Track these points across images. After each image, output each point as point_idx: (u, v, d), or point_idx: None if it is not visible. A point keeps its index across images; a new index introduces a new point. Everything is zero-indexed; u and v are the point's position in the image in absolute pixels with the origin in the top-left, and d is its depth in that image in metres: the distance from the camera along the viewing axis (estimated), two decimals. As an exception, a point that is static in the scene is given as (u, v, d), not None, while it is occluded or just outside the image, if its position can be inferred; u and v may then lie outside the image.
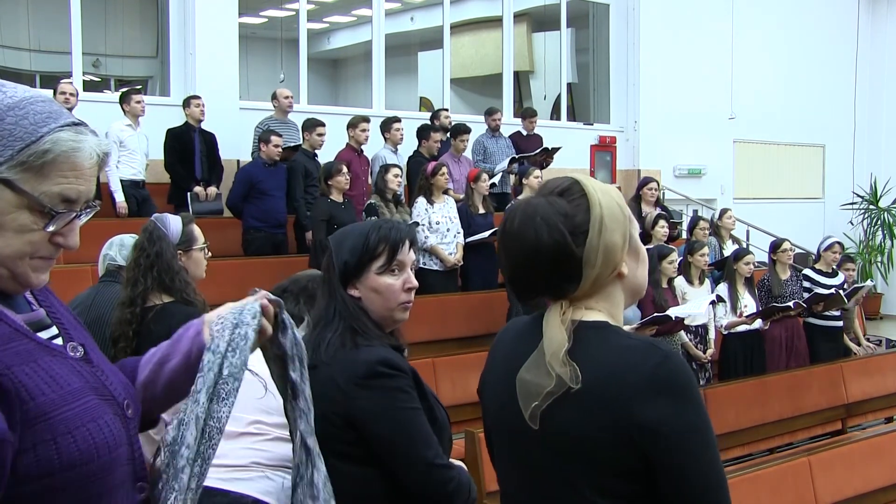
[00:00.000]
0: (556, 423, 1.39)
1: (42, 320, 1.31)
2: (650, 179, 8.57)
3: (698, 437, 1.35)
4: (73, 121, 1.25)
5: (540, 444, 1.42)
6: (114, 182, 7.09)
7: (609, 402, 1.35)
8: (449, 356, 6.00)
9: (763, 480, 4.35)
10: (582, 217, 1.42)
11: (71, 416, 1.21)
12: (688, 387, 1.37)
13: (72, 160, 1.23)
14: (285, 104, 8.17)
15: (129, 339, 2.85)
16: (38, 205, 1.20)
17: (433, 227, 7.01)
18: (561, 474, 1.41)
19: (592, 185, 1.47)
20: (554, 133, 10.27)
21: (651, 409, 1.33)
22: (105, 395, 1.30)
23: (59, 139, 1.21)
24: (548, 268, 1.43)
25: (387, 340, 2.00)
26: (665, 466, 1.34)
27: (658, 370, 1.35)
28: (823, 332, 7.24)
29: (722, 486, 1.37)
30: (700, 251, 6.82)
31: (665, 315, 5.59)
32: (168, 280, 2.90)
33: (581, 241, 1.41)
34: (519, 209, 1.47)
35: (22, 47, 9.27)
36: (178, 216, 3.13)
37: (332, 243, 2.06)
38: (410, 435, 1.91)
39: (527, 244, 1.43)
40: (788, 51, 13.07)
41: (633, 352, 1.39)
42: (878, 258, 13.47)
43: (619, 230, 1.45)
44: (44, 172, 1.20)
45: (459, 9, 11.35)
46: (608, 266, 1.44)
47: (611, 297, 1.48)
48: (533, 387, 1.40)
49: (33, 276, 1.25)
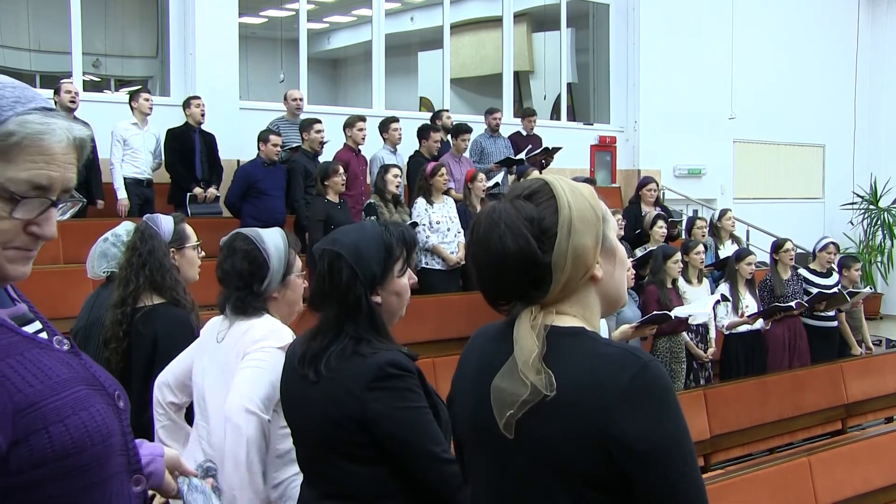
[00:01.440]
0: (532, 432, 1.35)
1: (25, 314, 1.30)
2: (650, 180, 8.57)
3: (677, 450, 1.31)
4: (43, 105, 1.21)
5: (515, 454, 1.39)
6: (117, 180, 7.13)
7: (586, 412, 1.31)
8: (450, 356, 6.00)
9: (763, 480, 4.35)
10: (549, 220, 1.38)
11: (61, 405, 1.21)
12: (666, 397, 1.33)
13: (41, 144, 1.18)
14: (293, 106, 8.21)
15: (119, 339, 2.85)
16: (3, 191, 1.16)
17: (434, 226, 7.02)
18: (537, 484, 1.37)
19: (562, 186, 1.42)
20: (554, 133, 10.27)
21: (629, 421, 1.29)
22: (95, 384, 1.30)
23: (26, 121, 1.17)
24: (514, 274, 1.39)
25: (394, 346, 2.03)
26: (643, 480, 1.30)
27: (636, 380, 1.31)
28: (818, 332, 7.25)
29: (701, 497, 1.33)
30: (695, 250, 6.84)
31: (664, 314, 5.59)
32: (160, 278, 2.89)
33: (549, 245, 1.37)
34: (484, 215, 1.43)
35: (22, 47, 9.27)
36: (170, 216, 3.12)
37: (349, 256, 2.01)
38: (419, 432, 1.95)
39: (492, 251, 1.40)
40: (788, 51, 13.07)
41: (610, 360, 1.35)
42: (878, 258, 13.47)
43: (589, 232, 1.40)
44: (10, 157, 1.16)
45: (459, 9, 11.35)
46: (579, 270, 1.39)
47: (584, 302, 1.43)
48: (508, 395, 1.35)
49: (10, 267, 1.22)
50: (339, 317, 2.00)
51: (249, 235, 2.50)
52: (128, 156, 7.24)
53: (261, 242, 2.47)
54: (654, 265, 6.55)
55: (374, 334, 2.00)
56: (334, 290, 2.01)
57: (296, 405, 2.10)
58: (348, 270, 2.00)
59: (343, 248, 2.03)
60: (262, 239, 2.48)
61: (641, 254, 7.07)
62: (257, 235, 2.50)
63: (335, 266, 2.01)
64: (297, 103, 8.22)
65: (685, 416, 1.35)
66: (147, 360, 2.79)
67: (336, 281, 2.00)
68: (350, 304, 1.99)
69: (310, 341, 2.03)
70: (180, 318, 2.87)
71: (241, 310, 2.45)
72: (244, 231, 2.54)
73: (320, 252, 2.06)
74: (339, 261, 2.01)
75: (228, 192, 7.38)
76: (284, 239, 2.54)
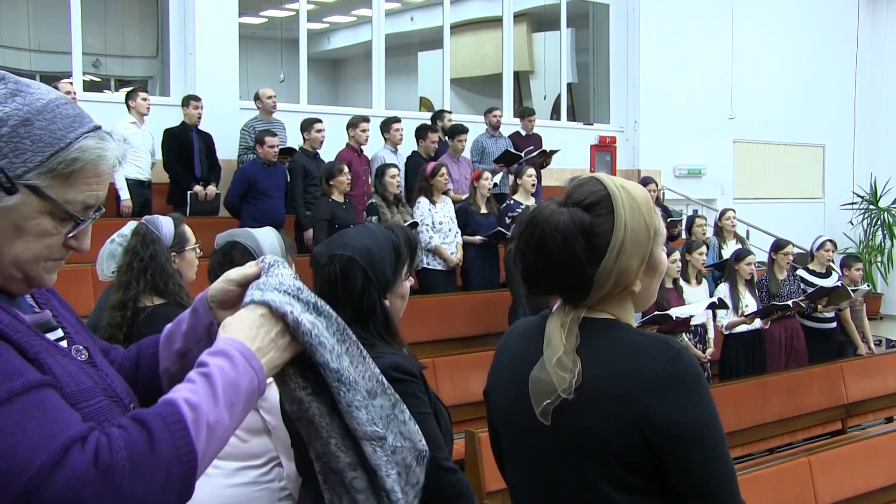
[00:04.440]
0: (568, 419, 1.40)
1: (48, 321, 1.31)
2: (649, 180, 8.58)
3: (710, 434, 1.36)
4: (95, 125, 1.25)
5: (552, 440, 1.44)
6: (119, 180, 7.11)
7: (621, 398, 1.36)
8: (450, 356, 6.00)
9: (763, 480, 4.35)
10: (603, 238, 1.40)
11: (87, 413, 1.20)
12: (698, 383, 1.38)
13: (97, 168, 1.22)
14: (269, 104, 8.16)
15: (119, 342, 2.83)
16: (63, 212, 1.20)
17: (436, 227, 7.02)
18: (574, 468, 1.42)
19: (622, 200, 1.42)
20: (554, 133, 10.27)
21: (663, 407, 1.34)
22: (113, 396, 1.30)
23: (87, 147, 1.20)
24: (557, 279, 1.44)
25: (401, 351, 2.03)
26: (677, 464, 1.35)
27: (669, 367, 1.36)
28: (816, 334, 7.24)
29: (732, 481, 1.40)
30: (698, 250, 6.84)
31: (665, 314, 5.59)
32: (162, 284, 2.86)
33: (596, 260, 1.40)
34: (541, 218, 1.44)
35: (22, 47, 9.27)
36: (170, 217, 3.08)
37: (363, 261, 2.00)
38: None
39: (542, 256, 1.43)
40: (788, 51, 13.06)
41: (644, 348, 1.39)
42: (878, 258, 13.46)
43: (638, 254, 1.43)
44: (70, 180, 1.19)
45: (459, 9, 11.35)
46: (619, 287, 1.44)
47: (618, 305, 1.48)
48: (545, 385, 1.41)
49: (46, 277, 1.25)
50: (349, 321, 1.99)
51: (248, 247, 2.44)
52: (129, 156, 7.24)
53: (260, 255, 2.45)
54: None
55: (386, 338, 2.00)
56: (348, 296, 1.99)
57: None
58: (362, 276, 1.99)
59: (356, 253, 2.01)
60: (261, 250, 2.44)
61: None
62: (256, 246, 2.45)
63: (349, 271, 1.99)
64: (271, 101, 8.16)
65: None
66: None
67: (350, 286, 1.99)
68: (364, 310, 1.98)
69: None
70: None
71: None
72: (240, 239, 2.48)
73: (330, 256, 2.03)
74: (352, 266, 1.99)
75: (228, 193, 7.37)
76: (281, 242, 2.51)
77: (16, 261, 1.19)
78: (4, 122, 1.15)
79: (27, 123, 1.16)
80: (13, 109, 1.16)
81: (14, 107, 1.16)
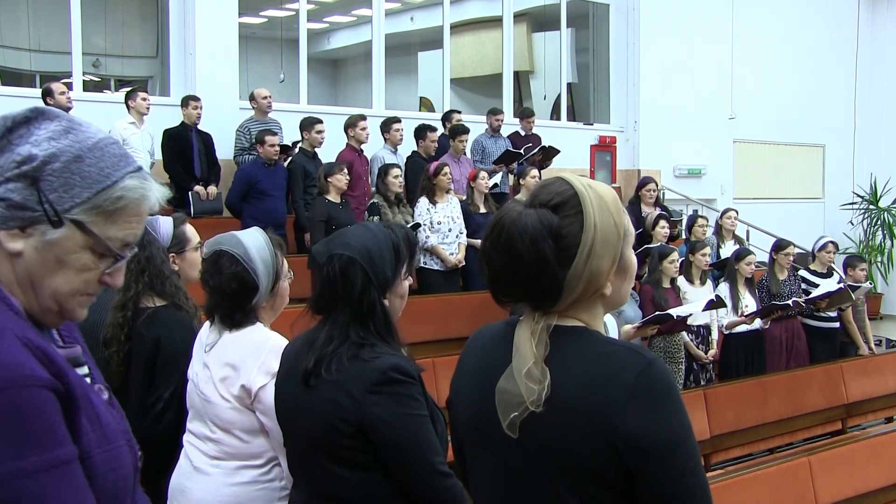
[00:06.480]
0: (537, 430, 1.35)
1: (79, 357, 1.33)
2: (649, 180, 8.58)
3: (682, 447, 1.32)
4: (138, 166, 1.29)
5: (519, 452, 1.39)
6: None
7: (592, 410, 1.32)
8: (450, 356, 6.00)
9: (763, 480, 4.35)
10: (572, 239, 1.35)
11: (107, 457, 1.23)
12: (670, 395, 1.33)
13: (138, 207, 1.26)
14: (264, 104, 8.14)
15: (120, 342, 2.83)
16: (104, 248, 1.23)
17: (434, 227, 7.02)
18: (542, 482, 1.38)
19: (590, 200, 1.37)
20: (554, 133, 10.26)
21: (634, 420, 1.30)
22: (129, 441, 1.32)
23: (131, 187, 1.25)
24: (526, 282, 1.38)
25: (399, 351, 2.02)
26: (649, 478, 1.31)
27: (641, 379, 1.32)
28: (819, 333, 7.24)
29: (706, 494, 1.34)
30: (702, 251, 6.82)
31: (666, 314, 5.59)
32: (159, 285, 2.85)
33: (566, 262, 1.35)
34: (507, 220, 1.39)
35: (22, 47, 9.27)
36: (170, 217, 3.06)
37: (363, 261, 1.99)
38: (419, 441, 1.93)
39: (510, 259, 1.37)
40: (788, 51, 13.06)
41: (615, 358, 1.35)
42: (878, 258, 13.47)
43: (608, 254, 1.37)
44: (113, 217, 1.23)
45: (459, 9, 11.35)
46: (590, 290, 1.38)
47: (588, 310, 1.43)
48: (512, 397, 1.35)
49: (79, 311, 1.28)
50: (349, 321, 1.98)
51: (236, 254, 2.40)
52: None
53: (249, 262, 2.41)
54: (650, 265, 6.55)
55: (385, 338, 1.99)
56: (347, 296, 1.98)
57: (290, 406, 2.08)
58: (363, 276, 1.98)
59: (356, 253, 2.00)
60: (249, 257, 2.41)
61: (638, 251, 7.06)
62: (244, 253, 2.41)
63: (349, 271, 1.98)
64: (266, 101, 8.15)
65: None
66: (148, 362, 2.77)
67: (350, 286, 1.98)
68: (364, 309, 1.97)
69: (323, 346, 1.99)
70: (183, 321, 2.85)
71: (230, 324, 2.47)
72: (226, 247, 2.44)
73: (329, 256, 2.02)
74: (352, 266, 1.98)
75: (229, 193, 7.37)
76: (270, 247, 2.47)
77: (55, 293, 1.23)
78: (57, 158, 1.19)
79: (78, 160, 1.21)
80: (66, 146, 1.20)
81: (67, 143, 1.21)
